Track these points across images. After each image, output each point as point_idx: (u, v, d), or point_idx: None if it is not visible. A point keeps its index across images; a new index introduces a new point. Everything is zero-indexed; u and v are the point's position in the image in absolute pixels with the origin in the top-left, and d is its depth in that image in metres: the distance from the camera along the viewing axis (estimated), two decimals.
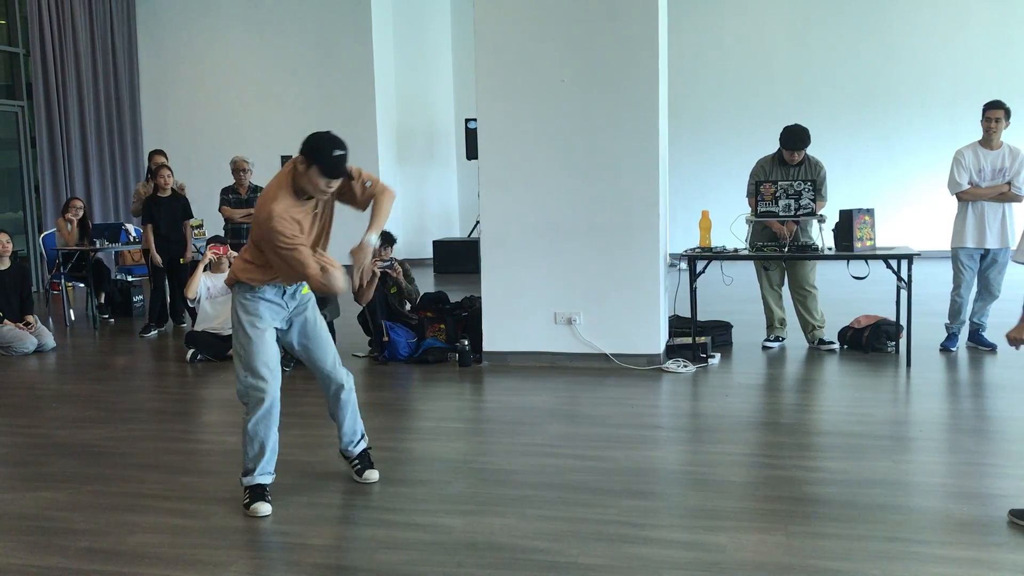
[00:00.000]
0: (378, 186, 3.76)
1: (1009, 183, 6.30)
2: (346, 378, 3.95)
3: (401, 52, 14.12)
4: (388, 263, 6.77)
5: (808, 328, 6.77)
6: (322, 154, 3.44)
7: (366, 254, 3.72)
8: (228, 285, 3.83)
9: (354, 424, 4.02)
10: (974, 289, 6.52)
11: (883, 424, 4.73)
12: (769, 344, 6.82)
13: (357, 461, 4.03)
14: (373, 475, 4.00)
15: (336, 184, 3.54)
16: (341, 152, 3.47)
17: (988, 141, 6.35)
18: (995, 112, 6.27)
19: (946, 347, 6.51)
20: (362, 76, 13.35)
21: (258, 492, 3.69)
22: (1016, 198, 6.31)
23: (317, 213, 3.68)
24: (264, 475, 3.72)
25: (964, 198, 6.42)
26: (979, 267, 6.44)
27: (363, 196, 3.74)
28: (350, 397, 3.98)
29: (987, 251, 6.39)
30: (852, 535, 3.27)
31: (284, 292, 3.74)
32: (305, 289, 3.83)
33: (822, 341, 6.72)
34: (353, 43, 13.34)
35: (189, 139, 13.87)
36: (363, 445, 4.06)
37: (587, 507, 3.62)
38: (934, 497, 3.65)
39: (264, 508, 3.64)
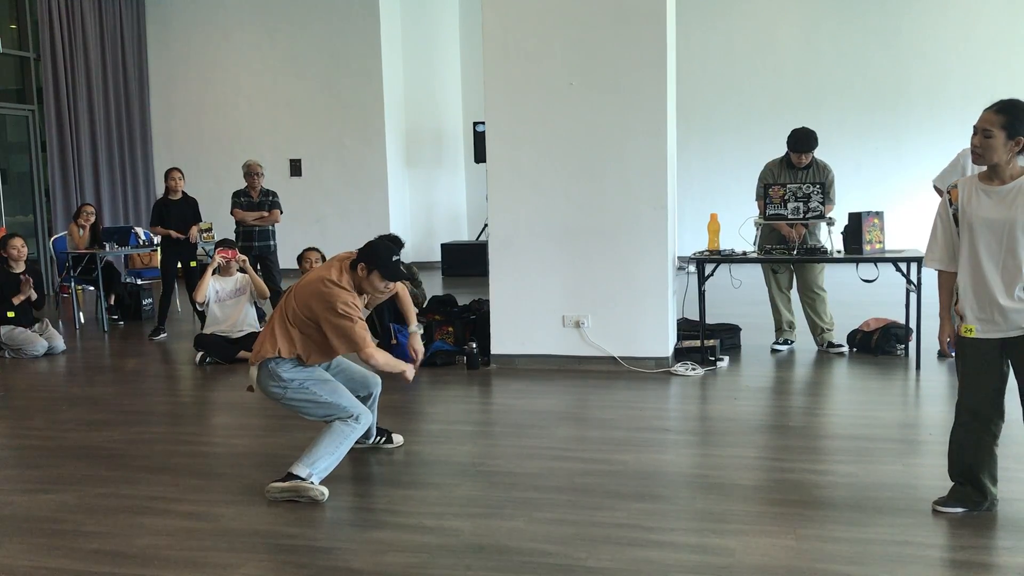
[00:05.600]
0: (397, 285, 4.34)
1: None
2: (376, 384, 4.37)
3: (409, 55, 14.14)
4: None
5: (817, 331, 6.76)
6: (382, 260, 3.91)
7: (419, 341, 4.36)
8: (254, 363, 4.03)
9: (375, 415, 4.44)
10: None
11: (892, 427, 4.72)
12: (778, 347, 6.81)
13: (379, 437, 4.51)
14: (399, 438, 4.57)
15: (392, 286, 4.07)
16: (398, 257, 3.97)
17: None
18: None
19: (947, 353, 6.48)
20: (370, 79, 13.38)
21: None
22: None
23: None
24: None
25: (939, 195, 6.43)
26: None
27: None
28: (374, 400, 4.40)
29: None
30: (861, 538, 3.26)
31: None
32: None
33: (831, 344, 6.70)
34: (361, 46, 13.36)
35: (198, 142, 13.92)
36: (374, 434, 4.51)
37: (595, 510, 3.62)
38: None
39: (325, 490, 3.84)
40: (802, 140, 6.50)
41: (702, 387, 5.76)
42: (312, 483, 3.80)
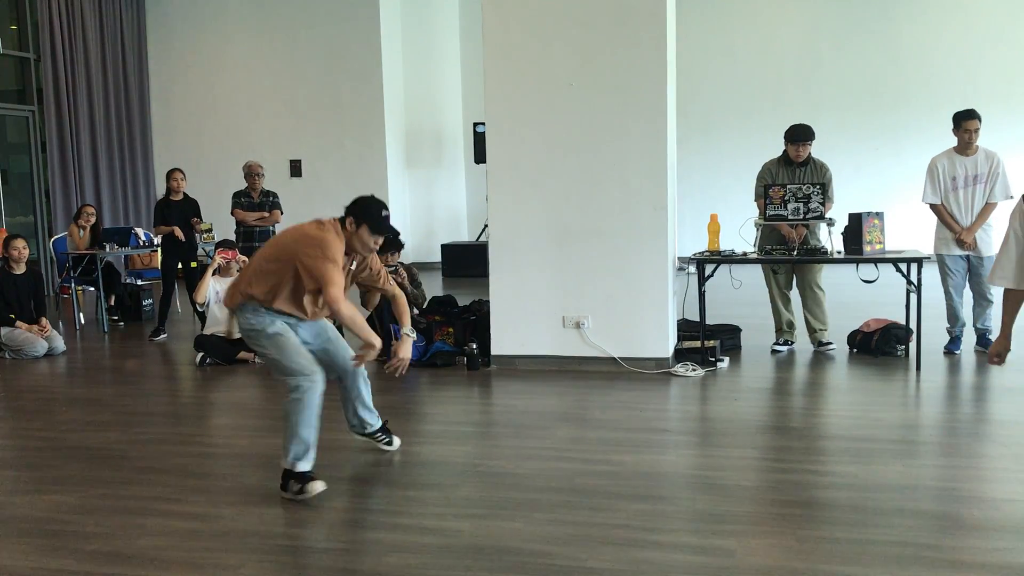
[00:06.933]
0: (394, 286, 4.41)
1: (981, 214, 6.35)
2: (349, 375, 4.27)
3: (409, 56, 14.14)
4: (393, 269, 6.78)
5: (811, 330, 6.78)
6: (371, 214, 3.86)
7: (407, 347, 4.23)
8: (229, 307, 4.00)
9: (371, 403, 4.39)
10: (967, 289, 6.51)
11: (893, 428, 4.72)
12: (778, 348, 6.81)
13: (382, 434, 4.45)
14: (396, 442, 4.49)
15: (380, 242, 3.97)
16: (387, 212, 3.91)
17: (965, 149, 6.37)
18: (974, 123, 6.30)
19: (949, 350, 6.49)
20: (371, 80, 13.38)
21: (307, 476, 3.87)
22: (991, 207, 6.36)
23: (348, 271, 4.02)
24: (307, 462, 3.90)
25: (935, 213, 6.47)
26: (967, 270, 6.45)
27: (382, 285, 4.32)
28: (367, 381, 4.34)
29: (969, 256, 6.41)
30: (862, 539, 3.26)
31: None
32: None
33: (821, 343, 6.72)
34: (362, 48, 13.37)
35: (198, 143, 13.93)
36: (380, 421, 4.44)
37: (596, 511, 3.62)
38: (944, 501, 3.63)
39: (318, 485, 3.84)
40: (800, 131, 6.53)
41: (702, 388, 5.76)
42: (301, 474, 3.82)
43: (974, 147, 6.36)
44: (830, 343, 6.72)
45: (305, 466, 3.84)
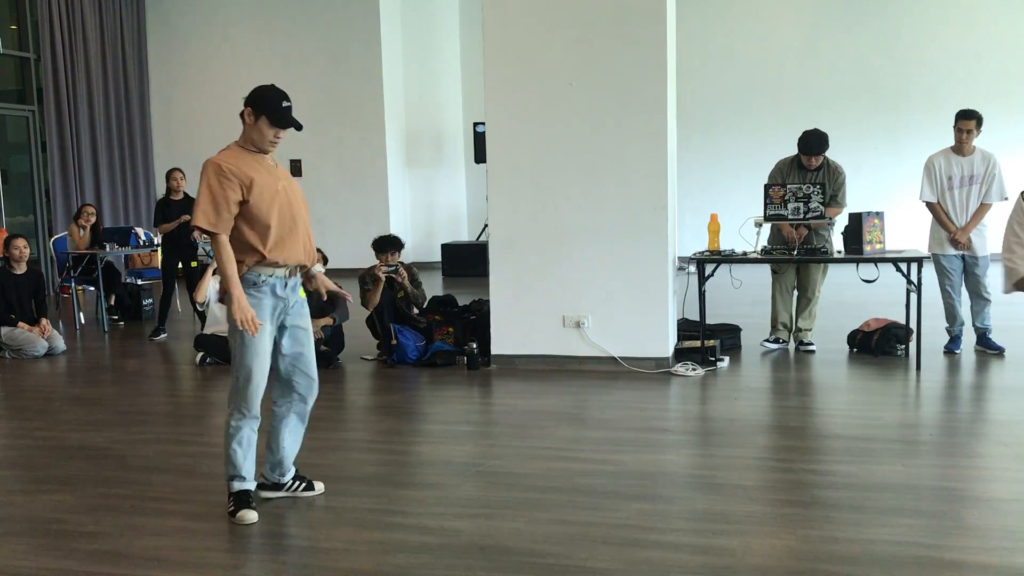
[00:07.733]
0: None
1: (976, 215, 6.37)
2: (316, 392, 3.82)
3: (410, 56, 14.15)
4: (393, 268, 6.78)
5: (797, 328, 6.84)
6: (270, 104, 3.51)
7: (323, 280, 3.91)
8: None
9: (297, 446, 3.90)
10: (963, 288, 6.52)
11: (893, 428, 4.71)
12: (768, 343, 6.81)
13: (298, 482, 3.88)
14: (320, 485, 3.91)
15: (283, 135, 3.58)
16: (288, 104, 3.53)
17: (960, 148, 6.38)
18: (967, 123, 6.31)
19: (949, 350, 6.50)
20: (371, 80, 13.38)
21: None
22: (986, 208, 6.38)
23: (282, 184, 3.67)
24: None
25: (931, 211, 6.49)
26: (963, 270, 6.46)
27: None
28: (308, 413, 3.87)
29: (965, 255, 6.43)
30: (862, 539, 3.26)
31: (285, 284, 3.66)
32: (302, 292, 3.79)
33: (803, 343, 6.78)
34: (362, 48, 13.38)
35: (198, 143, 13.86)
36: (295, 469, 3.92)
37: (596, 511, 3.61)
38: (944, 501, 3.63)
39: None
40: (812, 143, 6.49)
41: (702, 387, 5.76)
42: (237, 495, 3.63)
43: (970, 147, 6.37)
44: (811, 344, 6.75)
45: (236, 486, 3.65)
